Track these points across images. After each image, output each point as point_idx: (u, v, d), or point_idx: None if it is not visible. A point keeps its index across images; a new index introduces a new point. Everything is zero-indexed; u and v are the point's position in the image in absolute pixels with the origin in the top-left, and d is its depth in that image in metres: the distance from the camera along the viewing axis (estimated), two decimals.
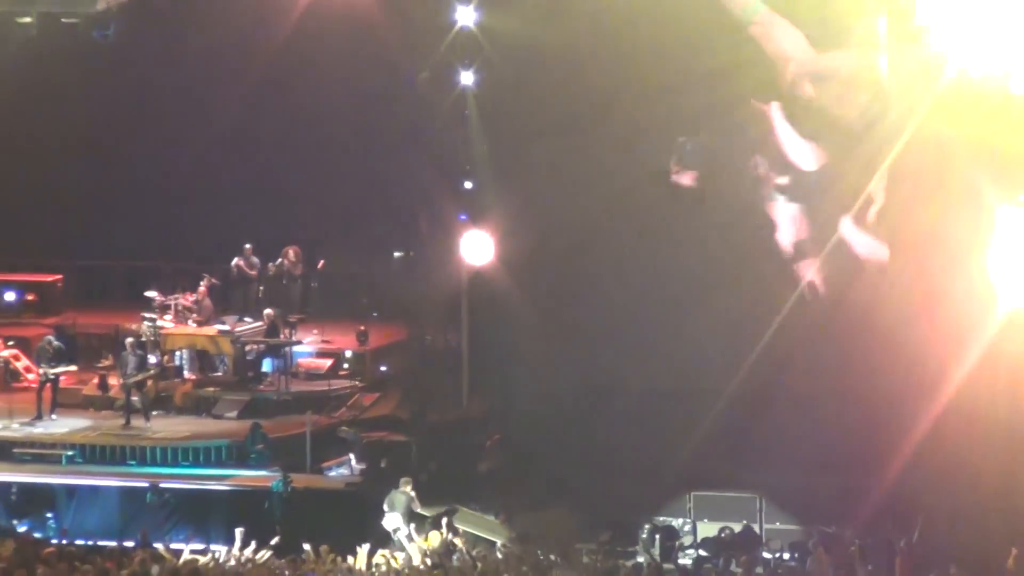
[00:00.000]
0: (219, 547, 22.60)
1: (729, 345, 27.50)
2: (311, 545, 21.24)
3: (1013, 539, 21.45)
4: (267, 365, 28.64)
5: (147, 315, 28.29)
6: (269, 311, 28.41)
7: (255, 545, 21.68)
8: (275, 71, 29.04)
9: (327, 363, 29.17)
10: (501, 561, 21.29)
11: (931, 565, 20.94)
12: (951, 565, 20.94)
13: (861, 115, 25.55)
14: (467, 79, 29.03)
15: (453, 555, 22.17)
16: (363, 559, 21.45)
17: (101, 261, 32.19)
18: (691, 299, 28.09)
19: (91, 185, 31.22)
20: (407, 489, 23.79)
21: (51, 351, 27.21)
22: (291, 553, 21.30)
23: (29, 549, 20.65)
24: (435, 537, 23.20)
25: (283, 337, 28.24)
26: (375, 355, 29.58)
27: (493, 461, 27.72)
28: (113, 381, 27.90)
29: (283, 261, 29.98)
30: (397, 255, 31.89)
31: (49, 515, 24.92)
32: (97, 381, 28.38)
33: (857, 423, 26.32)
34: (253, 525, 22.71)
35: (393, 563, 21.74)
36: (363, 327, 29.71)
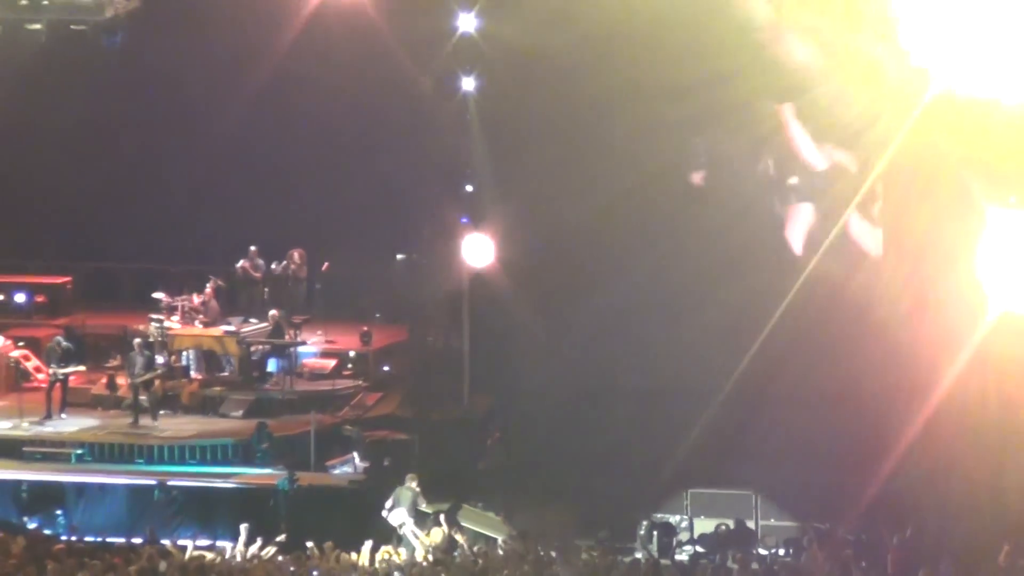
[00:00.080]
0: (225, 543, 22.66)
1: (725, 346, 27.45)
2: (315, 542, 21.26)
3: (1004, 535, 21.41)
4: (272, 365, 28.64)
5: (154, 316, 28.32)
6: (274, 312, 28.42)
7: (261, 542, 21.71)
8: (280, 77, 29.03)
9: (331, 363, 29.19)
10: (502, 557, 21.26)
11: (923, 561, 20.88)
12: (943, 561, 20.94)
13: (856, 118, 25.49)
14: (468, 85, 29.05)
15: (455, 551, 22.19)
16: (366, 555, 21.48)
17: (109, 263, 32.18)
18: (688, 300, 28.10)
19: (99, 189, 31.20)
20: (413, 485, 23.78)
21: (60, 351, 27.21)
22: (296, 549, 21.30)
23: (39, 545, 20.65)
24: (437, 533, 23.21)
25: (288, 338, 28.24)
26: (378, 355, 29.60)
27: (493, 459, 27.73)
28: (121, 381, 27.91)
29: (288, 263, 29.98)
30: (400, 257, 31.86)
31: (59, 512, 24.89)
32: (105, 381, 28.38)
33: (851, 422, 26.29)
34: (258, 522, 22.77)
35: (396, 559, 21.77)
36: (366, 328, 29.75)
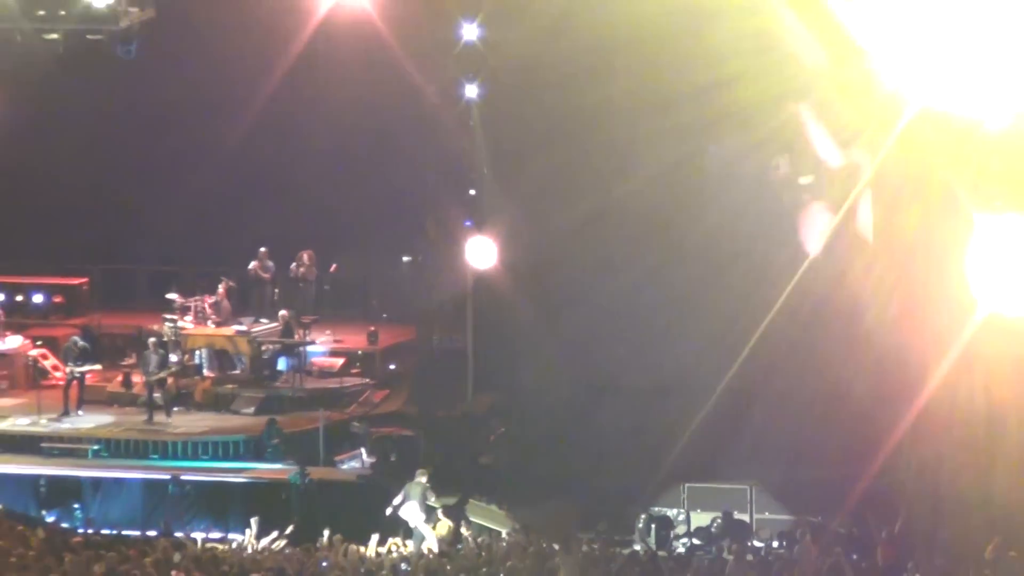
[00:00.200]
0: (237, 536, 22.71)
1: (721, 345, 27.47)
2: (327, 533, 21.33)
3: (992, 529, 21.43)
4: (282, 364, 28.68)
5: (168, 316, 28.36)
6: (284, 312, 28.46)
7: (275, 535, 21.77)
8: (290, 85, 29.06)
9: (339, 362, 29.23)
10: (505, 549, 21.32)
11: (912, 554, 20.93)
12: (932, 554, 20.96)
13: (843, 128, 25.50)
14: (472, 92, 29.08)
15: (459, 544, 22.24)
16: (373, 547, 21.53)
17: (125, 265, 32.22)
18: (686, 301, 28.13)
19: (115, 193, 31.23)
20: (423, 480, 23.81)
21: (77, 350, 27.26)
22: (306, 542, 21.36)
23: (57, 538, 20.69)
24: (443, 526, 23.26)
25: (297, 337, 28.28)
26: (385, 354, 29.62)
27: (496, 455, 27.75)
28: (136, 379, 27.96)
29: (298, 265, 30.02)
30: (406, 259, 31.90)
31: (76, 506, 25.00)
32: (121, 379, 28.44)
33: (843, 420, 26.26)
34: (269, 515, 22.82)
35: (403, 550, 21.82)
36: (373, 328, 29.77)
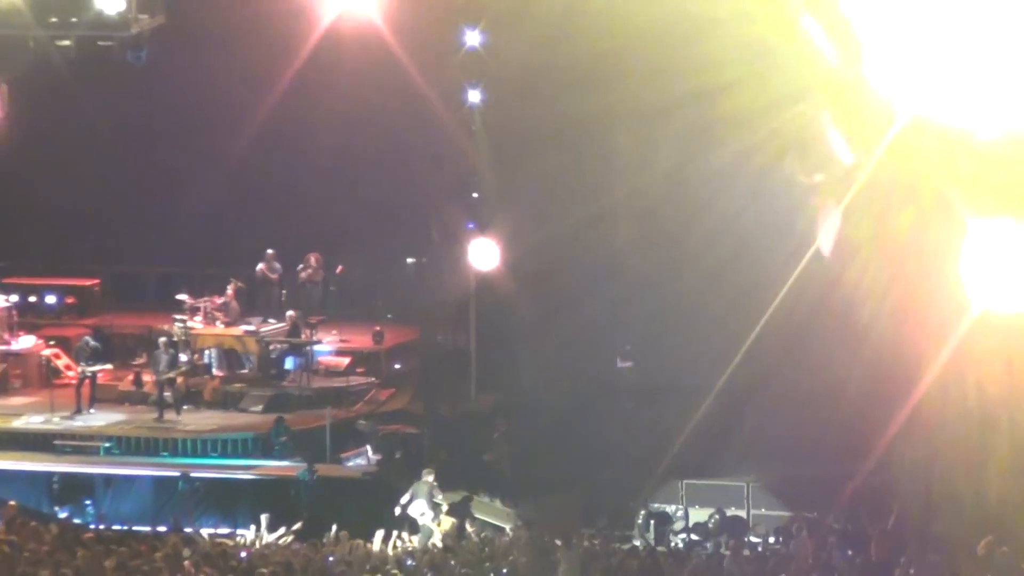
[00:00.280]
0: (245, 531, 22.75)
1: (719, 345, 27.52)
2: (333, 529, 21.37)
3: (984, 526, 21.44)
4: (290, 363, 28.69)
5: (178, 316, 28.38)
6: (291, 313, 28.49)
7: (283, 531, 21.82)
8: (297, 91, 29.07)
9: (345, 361, 29.24)
10: (507, 544, 21.38)
11: (905, 550, 20.95)
12: (926, 550, 20.97)
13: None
14: (474, 97, 29.11)
15: (463, 539, 22.28)
16: (379, 542, 21.57)
17: (135, 267, 32.26)
18: (683, 301, 28.17)
19: (126, 196, 31.28)
20: (429, 479, 23.87)
21: (89, 350, 27.31)
22: (313, 537, 21.40)
23: (70, 534, 20.71)
24: (447, 522, 23.32)
25: (304, 337, 28.30)
26: (390, 354, 29.63)
27: (499, 452, 27.79)
28: (147, 378, 27.97)
29: (305, 266, 30.07)
30: (410, 261, 31.91)
31: (88, 502, 25.01)
32: (132, 378, 28.46)
33: (838, 418, 26.28)
34: (276, 511, 22.87)
35: (408, 546, 21.87)
36: (379, 328, 29.78)
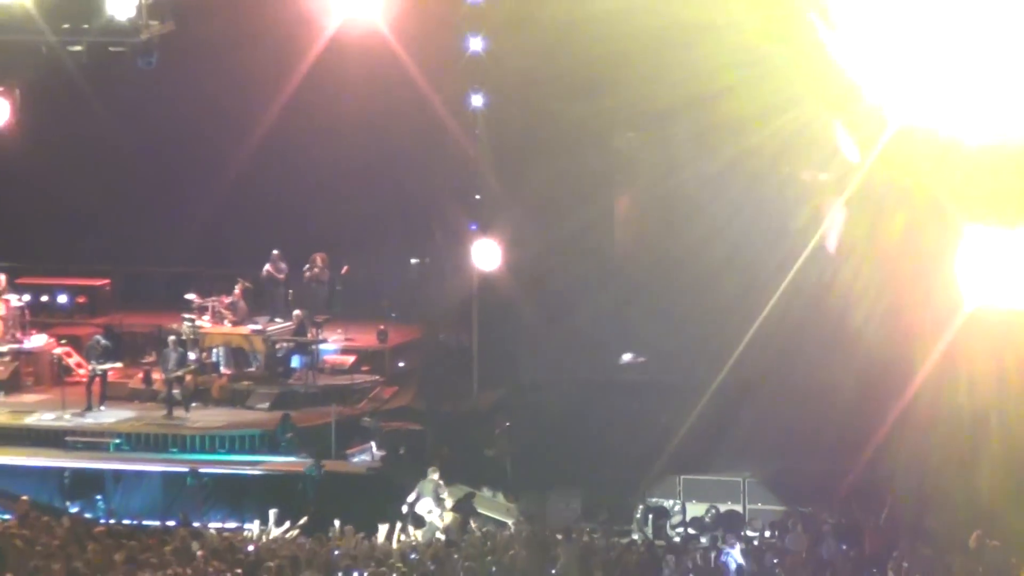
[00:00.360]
0: (252, 526, 22.80)
1: (716, 344, 27.57)
2: (338, 524, 21.41)
3: (975, 520, 21.50)
4: (296, 361, 28.71)
5: (187, 316, 28.39)
6: (298, 312, 28.53)
7: (287, 525, 21.87)
8: (304, 95, 29.10)
9: (350, 359, 29.27)
10: (508, 538, 21.42)
11: (898, 543, 20.99)
12: (917, 543, 21.02)
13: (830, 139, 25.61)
14: (477, 102, 29.14)
15: (466, 533, 22.32)
16: (383, 536, 21.62)
17: (145, 267, 32.28)
18: (681, 301, 28.22)
19: (136, 198, 31.32)
20: (435, 477, 23.91)
21: (100, 348, 27.35)
22: (318, 531, 21.45)
23: (81, 528, 20.79)
24: (449, 517, 23.36)
25: (310, 336, 28.35)
26: (394, 352, 29.65)
27: (501, 448, 27.82)
28: (156, 376, 28.00)
29: (311, 266, 30.11)
30: (414, 261, 31.90)
31: (98, 497, 25.04)
32: (142, 376, 28.50)
33: (832, 415, 26.34)
34: (283, 506, 22.91)
35: (411, 540, 21.91)
36: (383, 327, 29.79)
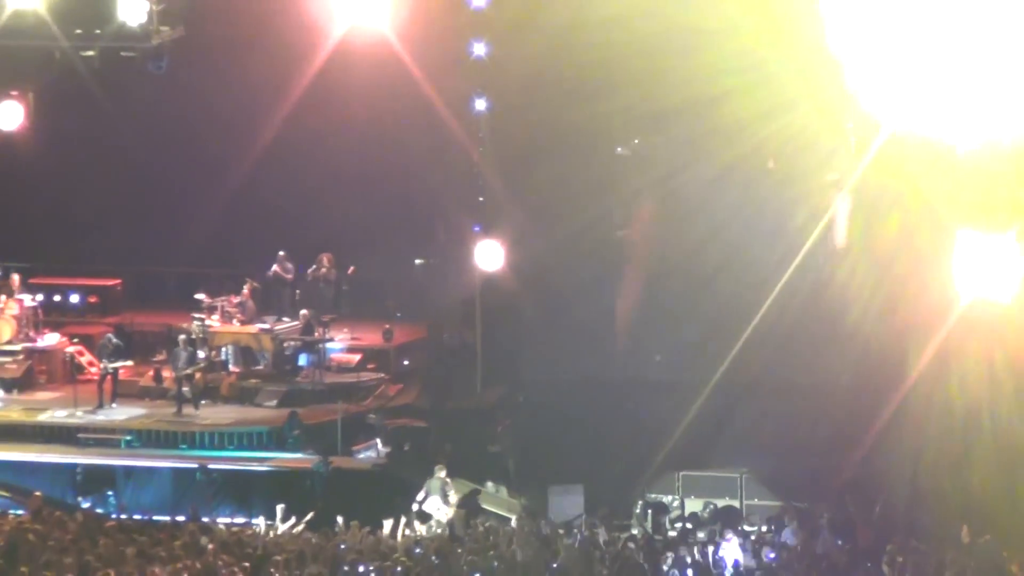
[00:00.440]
0: (260, 521, 22.87)
1: (714, 342, 27.62)
2: (342, 519, 21.47)
3: (967, 515, 21.55)
4: (303, 359, 28.73)
5: (196, 315, 28.47)
6: (305, 311, 28.58)
7: (293, 520, 21.93)
8: (311, 99, 29.12)
9: (356, 358, 29.31)
10: (511, 533, 21.48)
11: (891, 538, 21.05)
12: (910, 538, 21.07)
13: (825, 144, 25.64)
14: (480, 105, 29.18)
15: (469, 528, 22.39)
16: (387, 531, 21.69)
17: (156, 267, 32.34)
18: (680, 301, 28.28)
19: (146, 200, 31.38)
20: (442, 475, 23.97)
21: (111, 347, 27.38)
22: (325, 526, 21.52)
23: (93, 523, 20.89)
24: (452, 511, 23.43)
25: (317, 334, 28.39)
26: (399, 351, 29.69)
27: (503, 444, 27.88)
28: (166, 374, 28.03)
29: (318, 267, 30.18)
30: (418, 262, 31.93)
31: (109, 493, 25.08)
32: (152, 374, 28.53)
33: (828, 412, 26.41)
34: (289, 502, 22.98)
35: (415, 535, 21.98)
36: (388, 326, 29.82)
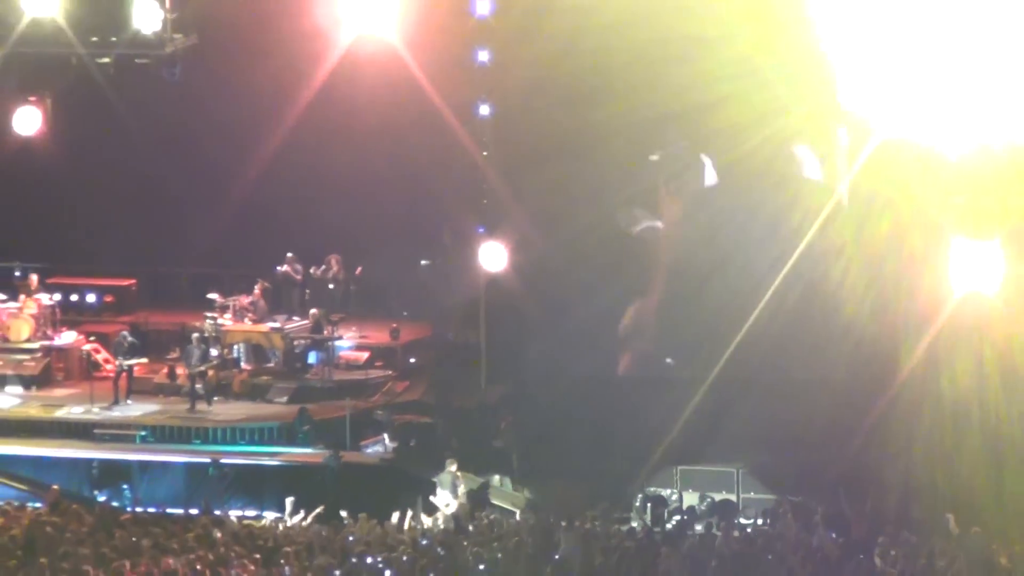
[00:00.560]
0: (271, 514, 22.94)
1: (712, 340, 27.62)
2: (350, 512, 21.53)
3: (957, 508, 21.56)
4: (312, 357, 28.83)
5: (209, 314, 28.55)
6: (314, 311, 28.67)
7: (302, 514, 22.00)
8: (320, 104, 29.12)
9: (364, 355, 29.38)
10: (514, 526, 21.53)
11: (883, 530, 21.05)
12: (902, 530, 21.09)
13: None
14: (484, 110, 29.19)
15: (474, 520, 22.43)
16: (394, 523, 21.73)
17: (170, 268, 32.40)
18: (678, 300, 28.30)
19: (161, 202, 31.43)
20: (452, 469, 24.00)
21: (126, 345, 27.51)
22: (334, 519, 21.57)
23: (108, 516, 20.95)
24: (457, 505, 23.48)
25: (326, 333, 28.48)
26: (406, 349, 29.75)
27: (507, 440, 27.90)
28: (180, 371, 28.12)
29: (327, 267, 30.25)
30: (424, 263, 31.97)
31: (125, 487, 25.18)
32: (166, 371, 28.62)
33: (822, 408, 26.39)
34: (300, 495, 23.04)
35: (422, 527, 22.02)
36: (395, 325, 29.87)
